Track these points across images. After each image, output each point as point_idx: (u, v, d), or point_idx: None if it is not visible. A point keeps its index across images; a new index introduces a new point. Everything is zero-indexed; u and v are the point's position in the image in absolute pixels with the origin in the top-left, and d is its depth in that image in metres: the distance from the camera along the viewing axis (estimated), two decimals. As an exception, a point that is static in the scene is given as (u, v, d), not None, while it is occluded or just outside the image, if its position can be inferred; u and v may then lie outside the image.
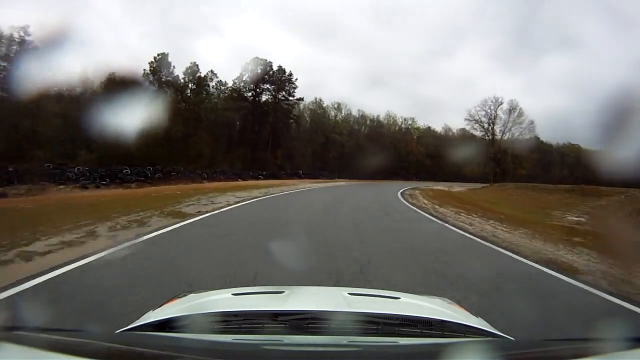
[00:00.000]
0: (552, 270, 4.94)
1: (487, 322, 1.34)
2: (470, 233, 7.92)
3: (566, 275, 4.67)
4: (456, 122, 65.98)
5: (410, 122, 53.84)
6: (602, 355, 0.84)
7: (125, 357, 0.88)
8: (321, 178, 37.51)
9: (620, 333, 0.92)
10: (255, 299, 1.45)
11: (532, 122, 40.97)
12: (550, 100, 57.99)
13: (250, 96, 40.61)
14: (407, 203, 15.16)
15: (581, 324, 3.10)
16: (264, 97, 41.18)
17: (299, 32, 72.79)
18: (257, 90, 40.87)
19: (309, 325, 1.07)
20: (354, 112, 51.19)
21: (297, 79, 42.70)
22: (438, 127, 55.42)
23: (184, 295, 1.49)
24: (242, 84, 40.20)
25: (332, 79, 71.55)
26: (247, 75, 39.92)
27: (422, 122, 54.42)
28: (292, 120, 43.73)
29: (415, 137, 52.90)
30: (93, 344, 0.96)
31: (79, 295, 3.30)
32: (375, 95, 74.54)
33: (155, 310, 1.32)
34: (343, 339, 1.00)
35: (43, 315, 2.43)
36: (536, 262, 5.36)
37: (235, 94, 39.75)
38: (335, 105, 49.51)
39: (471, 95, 72.44)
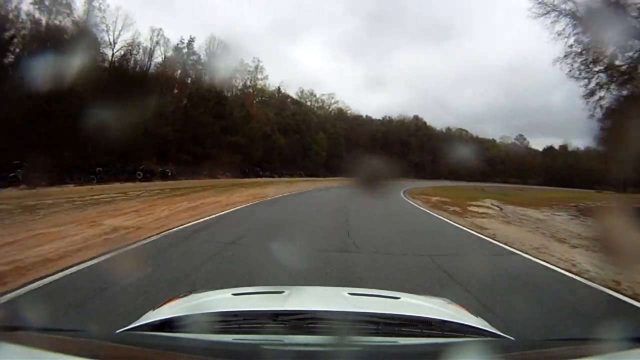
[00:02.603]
0: None
1: (488, 322, 1.33)
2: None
3: None
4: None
5: (255, 73, 31.69)
6: (602, 355, 0.84)
7: (125, 357, 0.88)
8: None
9: (620, 333, 0.92)
10: (255, 299, 1.45)
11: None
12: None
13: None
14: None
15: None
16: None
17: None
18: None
19: (309, 325, 1.07)
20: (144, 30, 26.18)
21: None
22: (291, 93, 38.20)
23: (184, 295, 1.49)
24: None
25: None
26: None
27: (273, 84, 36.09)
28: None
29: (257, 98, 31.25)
30: (93, 344, 0.96)
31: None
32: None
33: (155, 310, 1.32)
34: (343, 339, 1.00)
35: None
36: None
37: None
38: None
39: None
